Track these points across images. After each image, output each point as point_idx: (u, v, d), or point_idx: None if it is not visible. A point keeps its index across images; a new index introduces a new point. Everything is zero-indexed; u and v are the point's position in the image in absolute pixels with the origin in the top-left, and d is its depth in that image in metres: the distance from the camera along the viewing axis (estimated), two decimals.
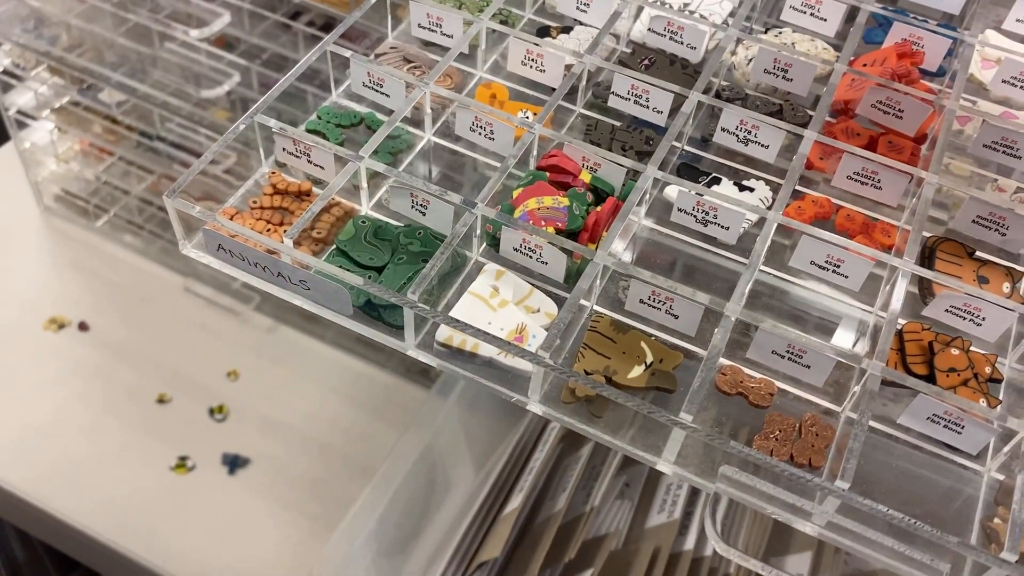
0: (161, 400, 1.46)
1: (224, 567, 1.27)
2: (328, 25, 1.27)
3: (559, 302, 0.67)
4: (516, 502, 1.09)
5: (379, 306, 0.65)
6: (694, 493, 1.10)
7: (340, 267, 0.65)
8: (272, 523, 1.32)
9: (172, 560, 1.26)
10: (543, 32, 0.85)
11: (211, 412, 1.45)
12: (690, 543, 1.05)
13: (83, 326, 1.51)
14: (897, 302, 0.63)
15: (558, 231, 0.67)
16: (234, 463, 1.40)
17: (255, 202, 0.69)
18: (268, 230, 0.68)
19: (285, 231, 0.68)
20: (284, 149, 0.69)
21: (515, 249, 0.66)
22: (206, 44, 1.24)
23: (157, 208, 1.57)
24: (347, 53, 0.74)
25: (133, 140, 1.45)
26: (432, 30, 0.79)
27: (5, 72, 1.44)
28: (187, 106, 1.36)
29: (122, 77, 1.35)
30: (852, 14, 0.84)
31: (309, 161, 0.69)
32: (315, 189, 0.71)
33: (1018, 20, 0.86)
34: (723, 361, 0.66)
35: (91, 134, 1.49)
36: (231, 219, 0.68)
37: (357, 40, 1.09)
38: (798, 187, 0.75)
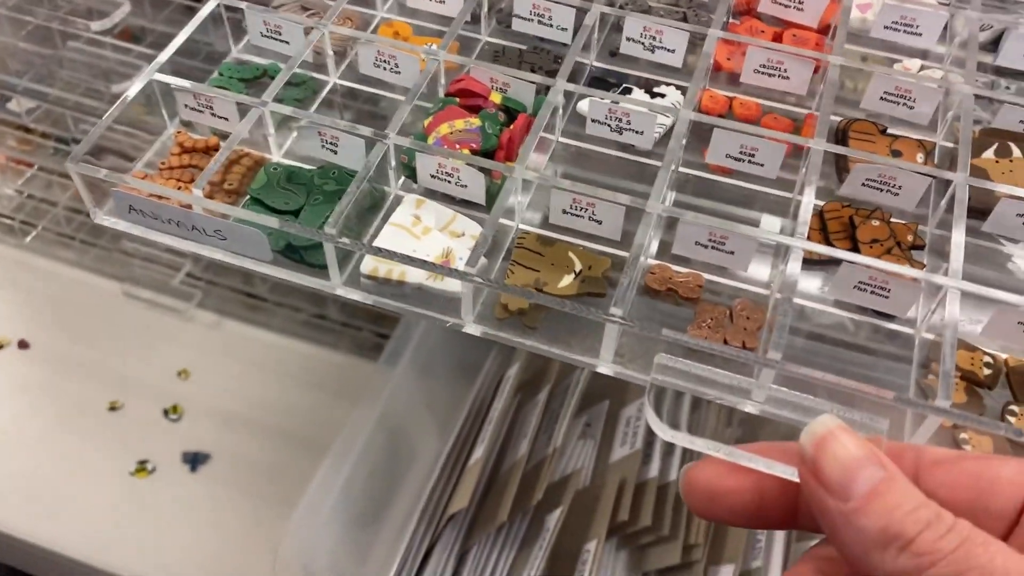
0: (113, 407, 1.43)
1: (195, 564, 1.25)
2: None
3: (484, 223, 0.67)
4: (479, 453, 1.09)
5: (300, 248, 0.64)
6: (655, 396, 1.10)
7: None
8: (238, 512, 1.31)
9: (140, 564, 1.24)
10: None
11: (165, 413, 1.43)
12: (654, 471, 1.06)
13: (23, 344, 1.48)
14: (812, 180, 0.63)
15: (473, 152, 0.66)
16: (195, 460, 1.38)
17: (163, 163, 0.68)
18: (179, 188, 0.66)
19: None
20: (186, 105, 0.68)
21: (432, 176, 0.66)
22: (111, 38, 1.21)
23: (86, 215, 1.53)
24: (242, 4, 0.73)
25: (49, 148, 1.42)
26: None
27: None
28: (102, 105, 1.33)
29: (29, 83, 1.32)
30: None
31: (213, 114, 0.67)
32: (224, 144, 0.70)
33: None
34: (652, 261, 0.66)
35: (5, 147, 1.45)
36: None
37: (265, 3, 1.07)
38: (711, 88, 0.76)
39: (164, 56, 0.68)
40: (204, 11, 0.71)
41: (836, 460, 0.36)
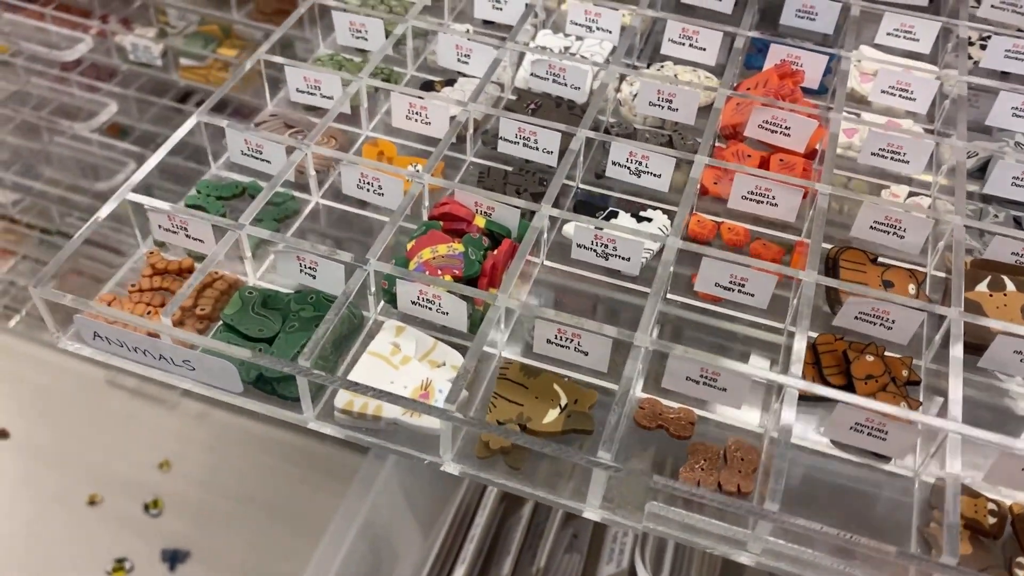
0: (92, 502, 1.35)
1: None
2: (220, 104, 1.21)
3: (465, 353, 0.61)
4: (460, 573, 1.01)
5: (272, 379, 0.58)
6: (640, 539, 1.03)
7: (228, 343, 0.58)
8: None
9: None
10: (427, 87, 0.80)
11: (146, 508, 1.35)
12: None
13: (3, 433, 1.40)
14: (806, 314, 0.58)
15: (455, 279, 0.61)
16: (174, 558, 1.30)
17: (134, 285, 0.62)
18: (148, 313, 0.61)
19: None
20: (160, 226, 0.62)
21: (413, 303, 0.61)
22: (97, 135, 1.17)
23: None
24: (223, 123, 0.68)
25: (34, 237, 1.36)
26: (311, 93, 0.74)
27: None
28: (86, 199, 1.28)
29: (15, 176, 1.27)
30: (731, 42, 0.82)
31: (188, 236, 0.62)
32: (198, 266, 0.64)
33: (888, 34, 0.84)
34: (640, 395, 0.60)
35: None
36: (108, 306, 0.61)
37: (249, 116, 1.04)
38: (699, 213, 0.71)
39: (139, 176, 0.63)
40: (182, 131, 0.66)
41: None
